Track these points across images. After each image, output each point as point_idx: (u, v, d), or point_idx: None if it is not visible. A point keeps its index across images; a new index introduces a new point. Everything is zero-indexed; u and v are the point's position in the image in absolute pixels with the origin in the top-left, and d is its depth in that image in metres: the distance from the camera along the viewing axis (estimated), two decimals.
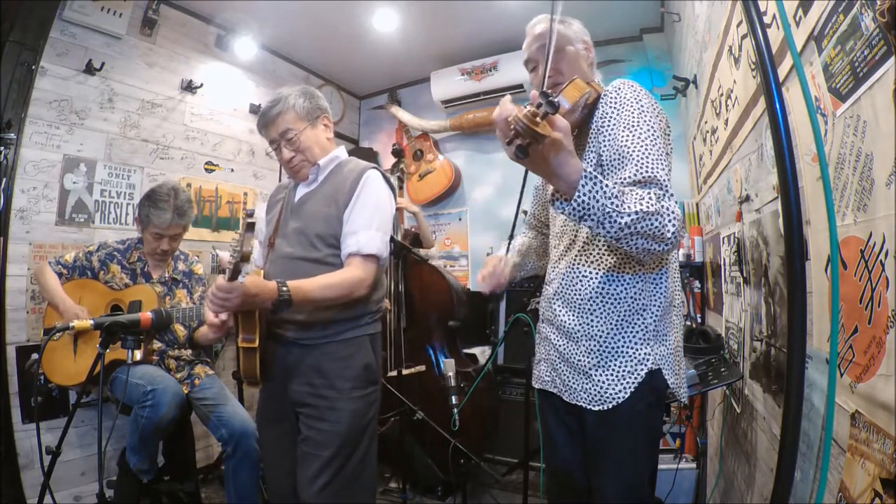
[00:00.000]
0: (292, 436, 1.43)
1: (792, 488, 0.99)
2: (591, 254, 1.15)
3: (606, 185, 0.92)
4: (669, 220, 0.95)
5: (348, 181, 1.46)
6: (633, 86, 1.12)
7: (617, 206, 0.92)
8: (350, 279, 1.36)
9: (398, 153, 3.28)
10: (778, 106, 0.99)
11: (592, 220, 0.93)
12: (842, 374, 0.91)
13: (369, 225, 1.41)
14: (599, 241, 1.14)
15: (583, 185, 0.90)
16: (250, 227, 1.17)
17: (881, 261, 0.77)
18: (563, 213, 0.95)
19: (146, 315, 1.63)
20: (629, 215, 0.92)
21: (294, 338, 1.41)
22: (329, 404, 1.37)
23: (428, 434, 2.32)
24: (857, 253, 0.85)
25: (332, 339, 1.40)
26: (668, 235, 0.95)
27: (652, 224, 0.94)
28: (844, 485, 0.88)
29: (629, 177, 1.00)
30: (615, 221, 0.92)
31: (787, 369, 0.97)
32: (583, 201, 0.91)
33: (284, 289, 1.27)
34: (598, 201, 0.91)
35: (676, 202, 1.00)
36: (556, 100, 0.81)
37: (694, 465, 2.32)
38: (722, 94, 1.77)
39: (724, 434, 1.97)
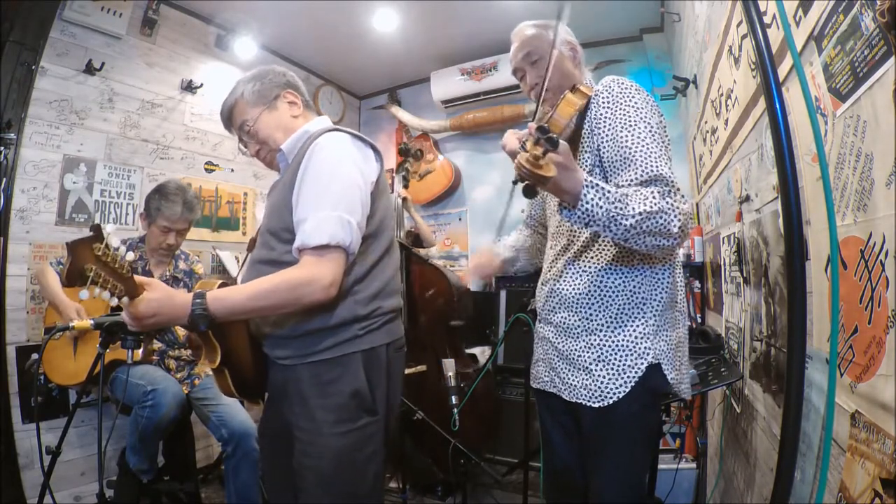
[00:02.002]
0: (289, 458, 1.19)
1: (792, 488, 0.99)
2: (589, 252, 1.16)
3: (609, 191, 0.96)
4: (675, 216, 0.98)
5: (300, 157, 1.16)
6: (622, 82, 1.12)
7: (621, 209, 0.96)
8: (293, 281, 1.06)
9: (405, 152, 3.09)
10: (778, 106, 0.99)
11: (598, 224, 0.97)
12: (842, 374, 0.91)
13: (319, 205, 1.09)
14: (598, 239, 1.15)
15: (585, 195, 0.95)
16: (70, 248, 0.91)
17: (881, 261, 0.77)
18: (570, 220, 0.99)
19: None
20: (633, 217, 0.96)
21: (273, 356, 1.19)
22: (308, 438, 1.13)
23: (428, 434, 2.32)
24: (857, 253, 0.84)
25: (313, 357, 1.13)
26: (675, 230, 0.98)
27: (657, 222, 0.97)
28: (844, 485, 0.88)
29: (635, 178, 1.03)
30: (620, 224, 0.96)
31: (787, 369, 0.97)
32: (587, 209, 0.96)
33: (199, 301, 1.02)
34: (601, 207, 0.95)
35: (683, 196, 1.02)
36: (556, 136, 0.85)
37: (694, 465, 2.32)
38: (722, 94, 1.77)
39: (724, 434, 1.97)
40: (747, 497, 1.56)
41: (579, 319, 1.14)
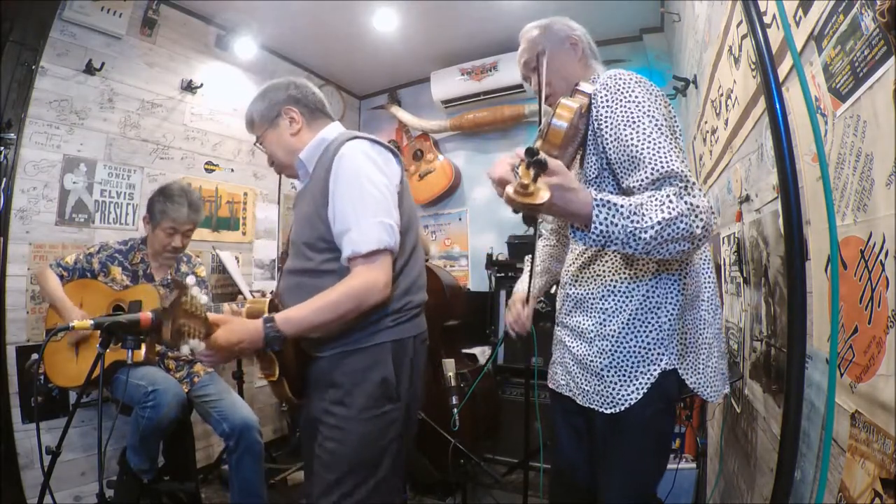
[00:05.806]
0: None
1: (792, 488, 0.99)
2: (603, 255, 1.14)
3: (621, 206, 0.90)
4: (697, 216, 0.91)
5: (324, 169, 1.24)
6: (619, 77, 1.05)
7: (637, 222, 0.89)
8: (354, 290, 1.15)
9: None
10: (778, 106, 0.99)
11: (616, 243, 0.91)
12: (842, 374, 0.91)
13: (359, 215, 1.17)
14: None
15: (597, 215, 0.89)
16: (167, 313, 0.98)
17: (881, 261, 0.77)
18: (584, 243, 0.93)
19: (146, 315, 1.62)
20: (653, 228, 0.90)
21: (313, 351, 1.27)
22: (336, 423, 1.21)
23: (428, 434, 2.32)
24: (857, 253, 0.84)
25: (347, 347, 1.22)
26: (698, 232, 0.92)
27: (678, 228, 0.91)
28: (844, 485, 0.88)
29: (647, 177, 0.96)
30: (640, 238, 0.90)
31: (787, 369, 0.97)
32: (602, 230, 0.90)
33: (270, 325, 1.12)
34: (616, 225, 0.89)
35: (700, 189, 0.95)
36: (543, 158, 0.79)
37: (694, 465, 2.32)
38: (722, 94, 1.77)
39: (724, 434, 1.97)
40: (747, 497, 1.56)
41: (593, 324, 1.12)
